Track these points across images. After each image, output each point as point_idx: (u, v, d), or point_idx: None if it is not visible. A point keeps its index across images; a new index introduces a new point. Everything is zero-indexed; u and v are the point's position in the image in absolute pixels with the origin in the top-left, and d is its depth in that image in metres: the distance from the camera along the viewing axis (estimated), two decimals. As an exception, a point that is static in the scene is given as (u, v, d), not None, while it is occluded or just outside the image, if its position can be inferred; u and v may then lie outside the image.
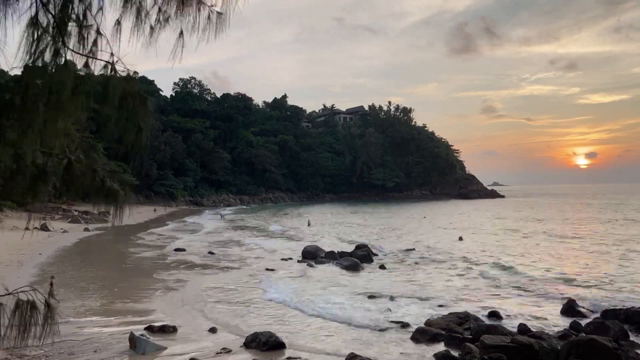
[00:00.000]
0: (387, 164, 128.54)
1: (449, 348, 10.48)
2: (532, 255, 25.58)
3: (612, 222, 46.71)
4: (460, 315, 12.84)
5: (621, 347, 9.72)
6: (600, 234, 35.97)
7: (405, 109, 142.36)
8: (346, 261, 22.42)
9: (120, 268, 21.52)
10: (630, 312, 12.60)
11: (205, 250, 27.79)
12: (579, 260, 23.89)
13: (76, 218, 45.11)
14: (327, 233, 39.74)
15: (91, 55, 3.27)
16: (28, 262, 21.69)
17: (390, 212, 71.38)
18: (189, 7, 3.36)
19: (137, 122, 3.11)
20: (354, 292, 16.58)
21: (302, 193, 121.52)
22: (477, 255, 25.91)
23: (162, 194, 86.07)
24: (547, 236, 35.12)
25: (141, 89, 3.46)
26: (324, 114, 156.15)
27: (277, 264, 23.04)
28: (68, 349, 9.90)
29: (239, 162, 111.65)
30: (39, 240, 28.44)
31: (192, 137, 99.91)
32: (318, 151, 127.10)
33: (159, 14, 3.39)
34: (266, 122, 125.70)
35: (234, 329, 12.02)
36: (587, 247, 28.79)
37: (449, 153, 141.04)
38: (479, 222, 49.97)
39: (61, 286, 16.93)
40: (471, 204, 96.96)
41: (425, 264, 23.36)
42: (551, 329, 12.14)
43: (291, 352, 10.25)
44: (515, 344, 9.72)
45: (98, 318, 12.69)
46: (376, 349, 10.60)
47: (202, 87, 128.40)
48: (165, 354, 10.04)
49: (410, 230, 42.09)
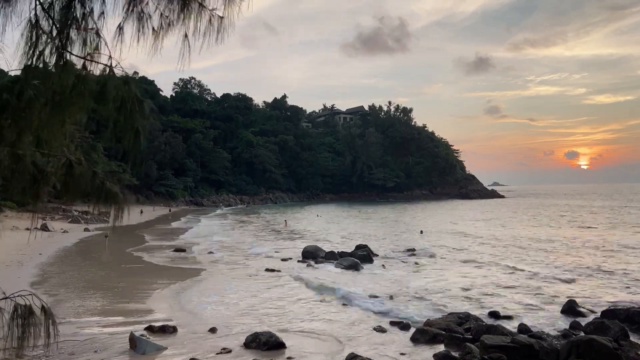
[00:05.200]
0: (387, 164, 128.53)
1: (449, 348, 10.48)
2: (532, 256, 25.58)
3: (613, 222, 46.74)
4: (460, 315, 12.84)
5: (621, 347, 9.71)
6: (601, 233, 35.97)
7: (405, 109, 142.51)
8: (346, 261, 22.41)
9: (120, 268, 21.52)
10: (630, 312, 12.60)
11: (205, 250, 27.80)
12: (579, 260, 23.89)
13: (76, 218, 45.12)
14: (327, 233, 39.76)
15: (89, 58, 3.28)
16: (28, 262, 21.70)
17: (390, 212, 71.35)
18: (190, 11, 3.37)
19: (135, 125, 3.12)
20: (353, 293, 16.57)
21: (302, 193, 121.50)
22: (480, 256, 25.91)
23: (162, 194, 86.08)
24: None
25: (139, 91, 3.47)
26: (324, 114, 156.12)
27: (277, 264, 23.03)
28: (68, 349, 9.90)
29: (239, 162, 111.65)
30: (39, 240, 28.47)
31: (192, 137, 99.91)
32: (318, 151, 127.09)
33: (161, 19, 3.40)
34: (266, 122, 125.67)
35: (234, 329, 12.02)
36: (587, 246, 28.80)
37: (449, 153, 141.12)
38: (484, 224, 49.95)
39: (61, 286, 16.94)
40: (470, 204, 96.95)
41: (425, 264, 23.35)
42: (551, 329, 12.14)
43: (291, 352, 10.25)
44: (516, 344, 9.72)
45: (98, 318, 12.69)
46: (376, 349, 10.60)
47: (202, 87, 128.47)
48: (165, 354, 10.04)
49: (410, 230, 42.08)
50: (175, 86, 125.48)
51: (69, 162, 3.40)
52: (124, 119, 3.12)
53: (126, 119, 3.12)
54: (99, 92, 3.18)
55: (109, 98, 3.15)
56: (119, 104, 3.14)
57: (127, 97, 3.16)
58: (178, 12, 3.36)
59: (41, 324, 3.44)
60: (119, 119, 3.14)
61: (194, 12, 3.38)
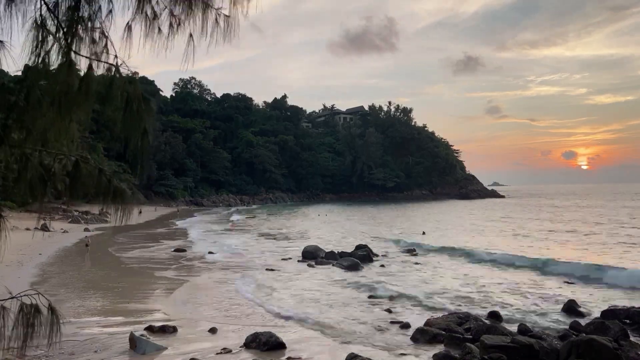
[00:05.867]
0: (387, 164, 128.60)
1: (449, 348, 10.49)
2: (532, 255, 25.58)
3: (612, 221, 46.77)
4: (460, 315, 12.85)
5: (621, 347, 9.72)
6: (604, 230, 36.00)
7: (405, 109, 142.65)
8: (346, 261, 22.43)
9: (121, 268, 21.53)
10: (630, 312, 12.62)
11: (205, 250, 27.81)
12: (579, 261, 23.90)
13: (76, 218, 45.13)
14: (327, 233, 39.78)
15: (95, 57, 3.28)
16: (28, 262, 21.71)
17: (390, 212, 71.36)
18: (196, 10, 3.37)
19: (142, 124, 3.12)
20: (353, 292, 16.59)
21: (302, 193, 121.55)
22: (480, 256, 25.91)
23: (162, 194, 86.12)
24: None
25: (142, 90, 3.47)
26: (324, 114, 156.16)
27: (277, 264, 23.05)
28: (68, 349, 9.91)
29: (239, 162, 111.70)
30: (39, 240, 28.44)
31: (192, 137, 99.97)
32: (318, 151, 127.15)
33: (171, 18, 3.40)
34: (266, 122, 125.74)
35: (234, 328, 12.03)
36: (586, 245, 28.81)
37: (449, 153, 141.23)
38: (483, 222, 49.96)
39: (61, 286, 16.95)
40: (470, 204, 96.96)
41: (425, 264, 23.37)
42: (551, 329, 12.15)
43: (291, 353, 10.26)
44: (516, 344, 9.74)
45: (98, 318, 12.70)
46: (376, 349, 10.61)
47: (202, 87, 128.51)
48: (166, 354, 10.04)
49: (410, 230, 42.09)
50: (175, 86, 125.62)
51: (75, 161, 3.41)
52: (130, 118, 3.13)
53: (133, 119, 3.13)
54: (105, 91, 3.18)
55: (115, 97, 3.16)
56: (124, 103, 3.15)
57: (133, 96, 3.17)
58: (184, 11, 3.37)
59: (48, 323, 3.45)
60: (125, 119, 3.14)
61: (200, 10, 3.38)
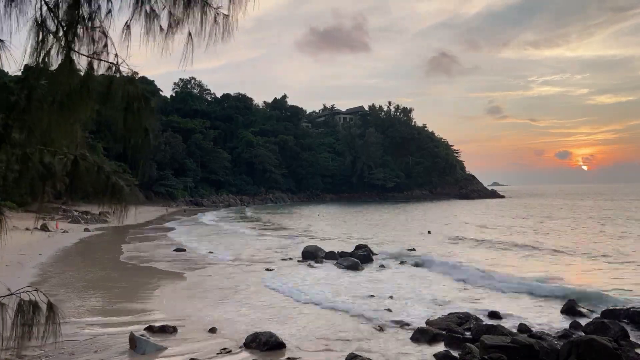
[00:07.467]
0: (387, 164, 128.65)
1: (449, 348, 10.49)
2: (532, 255, 25.59)
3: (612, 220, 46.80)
4: (461, 315, 12.84)
5: (621, 347, 9.72)
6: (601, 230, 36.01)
7: (405, 109, 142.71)
8: (346, 261, 22.43)
9: (120, 268, 21.53)
10: (630, 312, 12.61)
11: (205, 250, 27.81)
12: (579, 259, 23.91)
13: (76, 218, 45.14)
14: (327, 233, 39.78)
15: (95, 56, 3.28)
16: (28, 262, 21.70)
17: (390, 212, 71.36)
18: (195, 9, 3.37)
19: (143, 123, 3.12)
20: (353, 292, 16.58)
21: (302, 193, 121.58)
22: (480, 256, 25.91)
23: (162, 194, 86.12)
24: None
25: (143, 90, 3.47)
26: (324, 114, 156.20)
27: (277, 264, 23.04)
28: (68, 349, 9.91)
29: (239, 162, 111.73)
30: (39, 240, 28.46)
31: (192, 137, 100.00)
32: (318, 151, 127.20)
33: (170, 17, 3.40)
34: (266, 122, 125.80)
35: (234, 328, 12.03)
36: (587, 247, 28.81)
37: (449, 153, 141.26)
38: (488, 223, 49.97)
39: (61, 286, 16.95)
40: (470, 204, 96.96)
41: (425, 264, 23.34)
42: (551, 328, 12.14)
43: (291, 353, 10.26)
44: (516, 344, 9.73)
45: (98, 318, 12.70)
46: (376, 349, 10.60)
47: (202, 88, 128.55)
48: (166, 354, 10.05)
49: (411, 230, 42.10)
50: (175, 86, 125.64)
51: (74, 159, 3.40)
52: (131, 118, 3.13)
53: (134, 118, 3.12)
54: (105, 91, 3.18)
55: (115, 97, 3.16)
56: (125, 103, 3.14)
57: (133, 96, 3.16)
58: (182, 10, 3.36)
59: (47, 320, 3.45)
60: (126, 118, 3.14)
61: (199, 9, 3.38)
